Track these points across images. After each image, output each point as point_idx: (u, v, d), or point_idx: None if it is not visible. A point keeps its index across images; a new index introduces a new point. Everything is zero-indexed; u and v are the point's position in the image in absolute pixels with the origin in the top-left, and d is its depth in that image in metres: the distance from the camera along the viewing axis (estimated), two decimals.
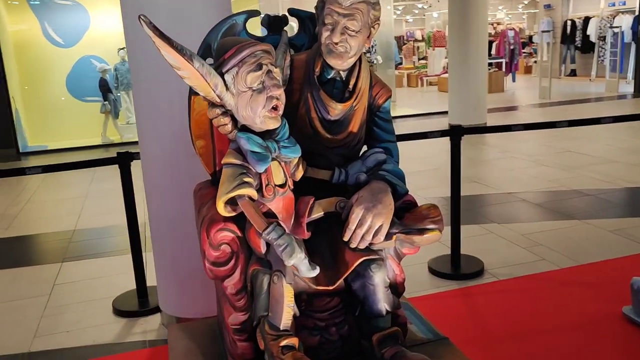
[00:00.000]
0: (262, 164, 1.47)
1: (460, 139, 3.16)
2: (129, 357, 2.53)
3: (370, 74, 1.75)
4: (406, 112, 11.01)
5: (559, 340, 2.49)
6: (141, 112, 2.67)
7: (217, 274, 1.57)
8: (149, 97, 2.61)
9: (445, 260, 3.40)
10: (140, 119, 2.69)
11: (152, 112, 2.62)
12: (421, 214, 1.59)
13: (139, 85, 2.65)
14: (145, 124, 2.67)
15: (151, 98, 2.59)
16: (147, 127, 2.66)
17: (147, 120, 2.65)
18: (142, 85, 2.63)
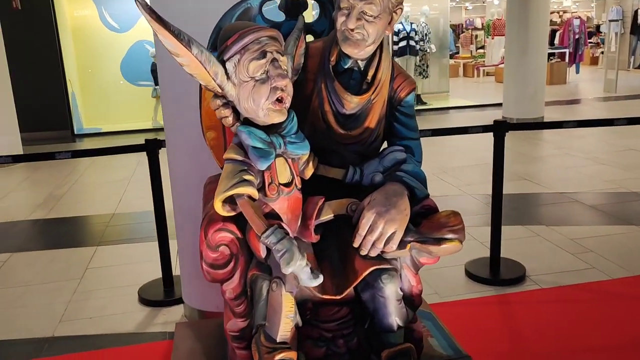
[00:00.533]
0: (263, 160, 1.35)
1: (504, 135, 2.94)
2: (145, 349, 2.49)
3: (393, 64, 1.59)
4: (459, 103, 10.65)
5: None
6: (167, 101, 2.61)
7: (214, 277, 1.47)
8: (173, 86, 2.54)
9: (483, 264, 3.19)
10: (166, 108, 2.63)
11: (177, 101, 2.55)
12: (439, 221, 1.44)
13: (164, 74, 2.59)
14: (170, 113, 2.61)
15: (176, 87, 2.52)
16: (172, 116, 2.60)
17: (172, 109, 2.59)
18: (166, 74, 2.57)
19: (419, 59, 10.03)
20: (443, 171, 5.52)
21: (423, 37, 9.97)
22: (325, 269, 1.52)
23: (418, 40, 9.85)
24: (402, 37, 9.73)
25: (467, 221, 4.01)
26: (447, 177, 5.30)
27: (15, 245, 4.01)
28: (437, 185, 5.06)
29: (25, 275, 3.46)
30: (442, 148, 6.42)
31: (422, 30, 9.95)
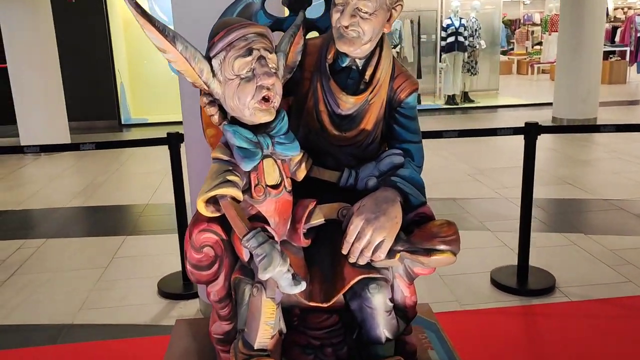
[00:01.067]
0: (247, 161, 1.30)
1: (535, 138, 2.79)
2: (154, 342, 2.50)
3: (394, 64, 1.51)
4: (508, 101, 10.32)
5: None
6: (185, 95, 2.61)
7: (198, 278, 1.44)
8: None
9: (511, 272, 3.05)
10: (185, 102, 2.63)
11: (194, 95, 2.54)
12: (431, 231, 1.35)
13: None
14: (188, 107, 2.60)
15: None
16: (190, 110, 2.59)
17: (190, 103, 2.58)
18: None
19: (468, 55, 9.76)
20: (480, 172, 5.34)
21: (473, 32, 9.68)
22: (315, 275, 1.47)
23: (467, 36, 9.58)
24: (451, 33, 9.48)
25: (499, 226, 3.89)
26: (483, 178, 5.13)
27: (50, 231, 4.14)
28: (471, 186, 4.90)
29: (55, 262, 3.56)
30: (481, 147, 6.23)
31: (471, 25, 9.67)
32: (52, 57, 7.08)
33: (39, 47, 6.86)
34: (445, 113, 9.57)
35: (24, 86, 6.87)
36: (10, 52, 6.81)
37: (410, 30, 10.06)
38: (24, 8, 6.69)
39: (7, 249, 3.76)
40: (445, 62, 9.70)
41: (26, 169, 6.36)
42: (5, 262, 3.56)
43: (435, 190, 4.78)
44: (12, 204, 4.89)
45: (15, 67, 6.83)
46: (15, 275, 3.35)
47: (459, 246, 1.36)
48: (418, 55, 10.25)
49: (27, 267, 3.49)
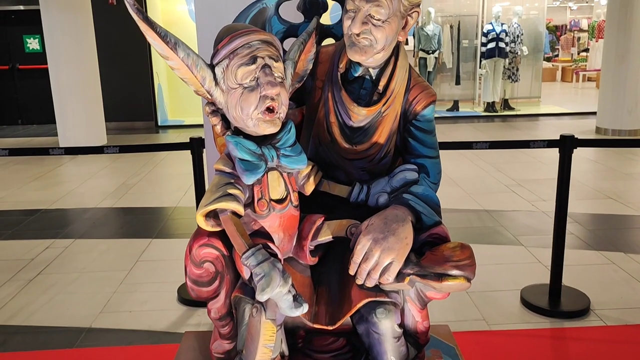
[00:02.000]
0: (249, 174, 1.24)
1: (571, 152, 2.64)
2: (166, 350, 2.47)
3: (410, 74, 1.43)
4: (550, 110, 10.00)
5: None
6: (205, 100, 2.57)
7: (199, 294, 1.38)
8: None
9: (542, 291, 2.90)
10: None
11: None
12: (443, 254, 1.26)
13: None
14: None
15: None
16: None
17: None
18: None
19: (509, 62, 9.50)
20: (517, 183, 5.15)
21: (514, 38, 9.43)
22: (322, 295, 1.40)
23: (509, 42, 9.33)
24: (491, 39, 9.25)
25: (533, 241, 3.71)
26: (520, 190, 4.94)
27: (79, 232, 4.19)
28: (506, 198, 4.72)
29: (81, 262, 3.59)
30: (520, 157, 6.02)
31: (513, 31, 9.42)
32: (91, 59, 7.23)
33: (79, 49, 7.02)
34: (484, 120, 9.34)
35: (63, 87, 7.03)
36: (51, 53, 6.98)
37: (449, 36, 9.87)
38: (65, 10, 6.85)
39: (37, 248, 3.82)
40: (485, 69, 9.47)
41: (63, 168, 6.49)
42: (34, 261, 3.61)
43: (468, 202, 4.63)
44: (46, 202, 4.98)
45: (56, 68, 7.00)
46: (41, 275, 3.39)
47: (474, 271, 1.26)
48: (457, 61, 10.05)
49: (54, 266, 3.52)
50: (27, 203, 5.00)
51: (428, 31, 9.40)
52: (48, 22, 6.90)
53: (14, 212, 4.76)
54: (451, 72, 10.15)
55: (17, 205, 4.96)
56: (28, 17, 9.25)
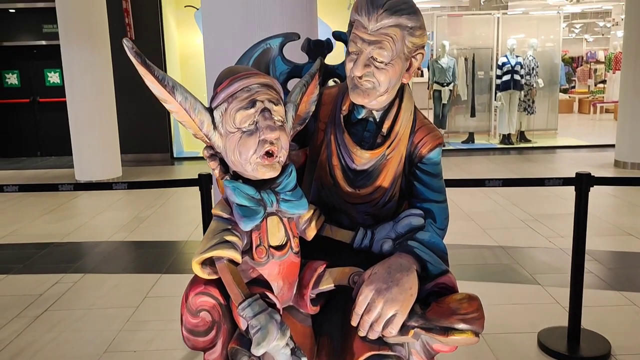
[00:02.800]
0: (247, 220, 1.21)
1: (588, 190, 2.57)
2: None
3: (415, 116, 1.39)
4: (568, 142, 9.88)
5: None
6: None
7: (195, 344, 1.34)
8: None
9: (561, 334, 2.79)
10: None
11: None
12: (449, 307, 1.20)
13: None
14: None
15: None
16: None
17: None
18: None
19: (524, 94, 9.45)
20: (535, 219, 5.03)
21: (530, 70, 9.39)
22: (323, 346, 1.35)
23: (524, 74, 9.30)
24: (506, 71, 9.23)
25: (551, 280, 3.58)
26: (537, 226, 4.82)
27: (90, 266, 4.17)
28: (523, 234, 4.61)
29: (89, 298, 3.55)
30: (537, 191, 5.91)
31: (528, 63, 9.39)
32: (108, 92, 7.33)
33: (96, 82, 7.13)
34: (499, 153, 9.24)
35: (81, 119, 7.13)
36: (70, 86, 7.10)
37: (464, 68, 9.87)
38: (84, 45, 6.99)
39: (46, 283, 3.79)
40: (500, 101, 9.43)
41: (77, 200, 6.52)
42: (43, 296, 3.58)
43: (483, 238, 4.53)
44: (58, 236, 4.98)
45: (73, 101, 7.11)
46: (49, 311, 3.36)
47: (483, 325, 1.20)
48: (472, 93, 10.02)
49: (63, 302, 3.49)
50: (39, 236, 5.00)
51: (442, 64, 9.41)
52: (67, 57, 7.03)
53: (25, 246, 4.76)
54: (466, 104, 10.11)
55: (29, 239, 4.96)
56: (49, 51, 9.46)
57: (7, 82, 9.97)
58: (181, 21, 9.59)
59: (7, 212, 6.00)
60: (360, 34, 1.25)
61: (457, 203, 5.64)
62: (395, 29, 1.23)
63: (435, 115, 9.67)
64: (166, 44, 9.17)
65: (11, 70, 9.93)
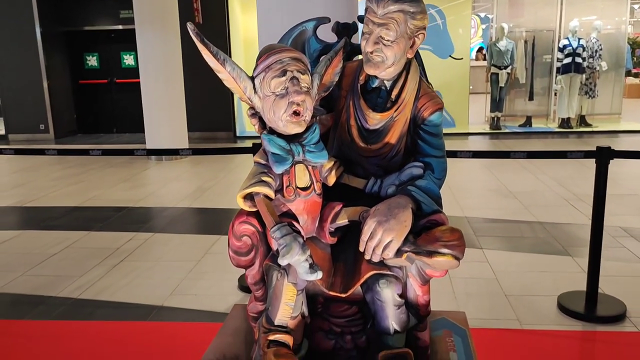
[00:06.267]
0: (278, 165, 1.54)
1: (607, 162, 2.75)
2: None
3: (420, 85, 1.69)
4: (631, 127, 9.66)
5: None
6: None
7: (238, 262, 1.69)
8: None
9: (579, 297, 3.00)
10: None
11: None
12: (435, 235, 1.50)
13: None
14: None
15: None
16: None
17: None
18: None
19: (586, 77, 9.31)
20: (578, 198, 5.14)
21: (593, 53, 9.24)
22: (338, 269, 1.67)
23: (586, 57, 9.15)
24: (568, 54, 9.12)
25: (581, 252, 3.79)
26: (580, 205, 4.93)
27: (158, 227, 4.69)
28: (563, 211, 4.75)
29: (157, 253, 4.05)
30: (586, 173, 5.96)
31: (591, 46, 9.23)
32: (177, 73, 7.88)
33: (167, 64, 7.68)
34: (558, 137, 9.19)
35: (152, 99, 7.71)
36: (143, 68, 7.69)
37: (523, 51, 9.81)
38: (157, 29, 7.54)
39: (122, 239, 4.33)
40: (560, 84, 9.34)
41: (149, 171, 7.14)
42: (119, 250, 4.11)
43: (524, 214, 4.71)
44: (131, 201, 5.56)
45: (146, 82, 7.70)
46: (124, 261, 3.87)
47: (463, 251, 1.49)
48: (531, 76, 9.95)
49: (135, 255, 4.00)
50: (115, 201, 5.60)
51: (501, 47, 9.40)
52: (142, 40, 7.61)
53: (104, 209, 5.36)
54: (525, 88, 10.05)
55: (107, 203, 5.57)
56: (125, 35, 10.17)
57: (87, 64, 10.81)
58: (246, 7, 10.04)
59: (89, 180, 6.67)
60: (371, 18, 1.56)
61: (503, 182, 5.80)
62: (399, 13, 1.53)
63: (492, 99, 9.70)
64: (231, 29, 9.65)
65: (91, 53, 10.75)
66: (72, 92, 10.90)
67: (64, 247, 4.18)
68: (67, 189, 6.23)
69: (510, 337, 2.67)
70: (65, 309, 3.15)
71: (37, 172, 7.24)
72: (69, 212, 5.28)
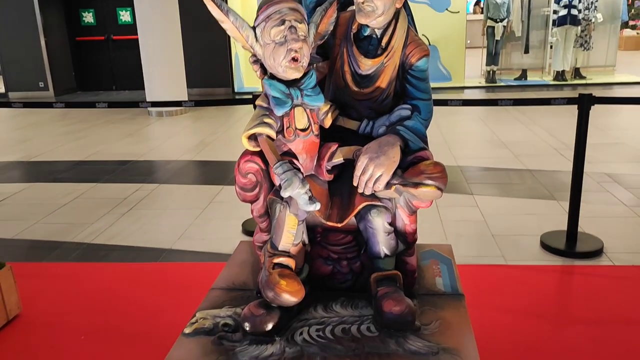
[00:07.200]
0: (279, 108, 1.71)
1: (588, 109, 2.92)
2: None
3: (408, 33, 1.84)
4: (625, 79, 9.76)
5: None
6: None
7: (244, 198, 1.88)
8: None
9: (561, 236, 3.21)
10: None
11: None
12: (419, 169, 1.68)
13: None
14: None
15: None
16: None
17: None
18: None
19: (581, 29, 9.34)
20: (568, 147, 5.30)
21: (589, 5, 9.24)
22: (335, 203, 1.86)
23: (582, 9, 9.17)
24: (564, 5, 9.13)
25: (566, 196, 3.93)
26: (569, 154, 5.05)
27: (163, 179, 4.88)
28: (552, 160, 4.95)
29: (164, 202, 4.25)
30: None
31: None
32: (175, 30, 7.92)
33: (164, 20, 7.71)
34: (553, 89, 9.30)
35: (151, 56, 7.78)
36: (141, 24, 7.72)
37: (520, 4, 9.80)
38: None
39: (129, 190, 4.52)
40: (555, 36, 9.38)
41: (151, 127, 7.28)
42: (127, 199, 4.30)
43: (515, 162, 4.89)
44: (136, 155, 5.73)
45: (145, 39, 7.74)
46: (133, 209, 4.07)
47: (445, 182, 1.67)
48: (527, 29, 9.97)
49: (143, 204, 4.20)
50: (120, 155, 5.78)
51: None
52: None
53: (109, 162, 5.54)
54: (520, 41, 10.09)
55: (113, 157, 5.74)
56: None
57: (84, 21, 10.78)
58: None
59: (92, 135, 6.83)
60: None
61: (496, 133, 5.97)
62: None
63: (488, 52, 9.75)
64: None
65: (87, 9, 10.70)
66: (70, 50, 10.91)
67: (73, 198, 4.37)
68: (71, 144, 6.40)
69: (495, 272, 2.89)
70: (80, 252, 3.36)
71: (41, 128, 7.38)
72: (75, 165, 5.46)
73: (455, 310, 1.81)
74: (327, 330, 1.69)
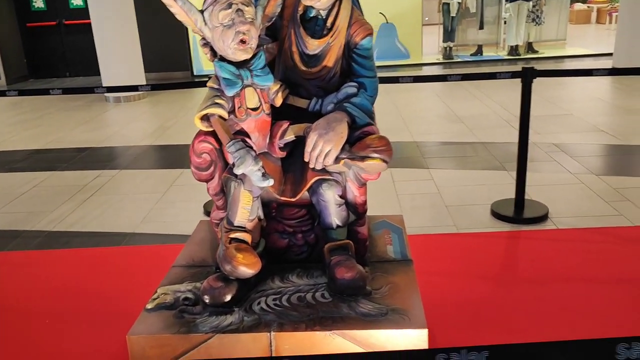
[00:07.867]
0: (230, 89, 1.78)
1: (531, 82, 3.06)
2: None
3: (352, 14, 1.91)
4: (575, 52, 10.08)
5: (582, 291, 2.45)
6: None
7: (200, 177, 1.95)
8: None
9: (510, 204, 3.38)
10: None
11: None
12: (366, 143, 1.78)
13: None
14: None
15: None
16: None
17: None
18: None
19: (533, 5, 9.58)
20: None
21: None
22: (288, 178, 1.94)
23: None
24: None
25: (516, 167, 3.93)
26: None
27: (123, 164, 4.87)
28: (504, 132, 5.13)
29: (125, 187, 4.26)
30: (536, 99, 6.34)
31: None
32: (130, 12, 7.78)
33: (118, 3, 7.57)
34: (507, 64, 9.52)
35: (106, 40, 7.63)
36: (93, 8, 7.56)
37: None
38: None
39: (88, 177, 4.50)
40: (508, 12, 9.60)
41: (108, 113, 7.19)
42: (87, 186, 4.29)
43: (469, 136, 5.06)
44: (95, 142, 5.68)
45: (98, 23, 7.59)
46: (93, 196, 4.07)
47: (390, 155, 1.77)
48: (481, 5, 10.16)
49: (103, 190, 4.20)
50: (78, 142, 5.71)
51: None
52: None
53: (67, 150, 5.48)
54: (475, 17, 10.28)
55: (70, 144, 5.68)
56: None
57: (34, 6, 10.46)
58: None
59: (47, 124, 6.71)
60: None
61: (452, 108, 6.13)
62: None
63: (445, 29, 9.91)
64: None
65: None
66: (21, 36, 10.59)
67: (31, 187, 4.34)
68: (25, 133, 6.29)
69: (446, 240, 3.04)
70: (41, 240, 3.37)
71: None
72: (31, 154, 5.39)
73: (405, 274, 1.93)
74: (284, 299, 1.79)
